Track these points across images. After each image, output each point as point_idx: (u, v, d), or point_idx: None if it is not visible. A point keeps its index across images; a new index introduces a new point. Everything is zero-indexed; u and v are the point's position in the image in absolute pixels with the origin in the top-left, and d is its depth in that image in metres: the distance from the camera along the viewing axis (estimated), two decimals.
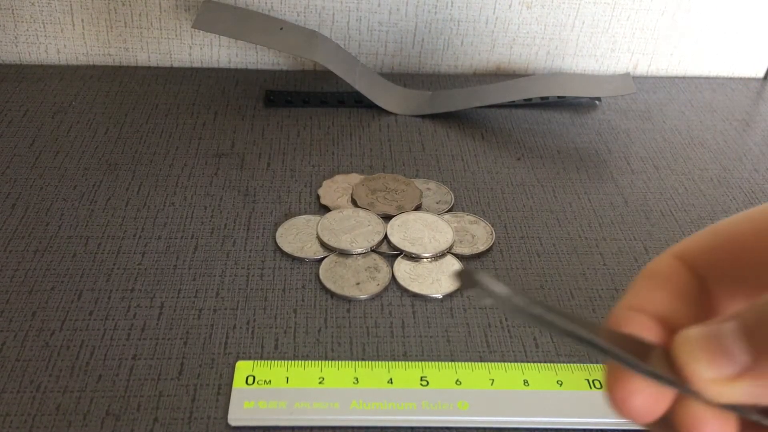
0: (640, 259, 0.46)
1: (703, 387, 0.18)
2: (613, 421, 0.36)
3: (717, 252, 0.21)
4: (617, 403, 0.19)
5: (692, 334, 0.19)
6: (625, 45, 0.65)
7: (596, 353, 0.19)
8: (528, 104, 0.60)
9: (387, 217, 0.47)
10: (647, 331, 0.20)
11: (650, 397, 0.19)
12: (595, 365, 0.38)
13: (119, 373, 0.37)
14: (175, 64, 0.63)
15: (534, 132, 0.57)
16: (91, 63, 0.62)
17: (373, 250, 0.45)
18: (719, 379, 0.18)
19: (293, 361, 0.37)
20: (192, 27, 0.55)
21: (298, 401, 0.35)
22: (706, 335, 0.19)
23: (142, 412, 0.35)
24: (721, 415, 0.19)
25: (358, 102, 0.59)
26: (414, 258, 0.44)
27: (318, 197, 0.49)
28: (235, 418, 0.35)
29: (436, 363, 0.38)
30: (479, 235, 0.46)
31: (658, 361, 0.19)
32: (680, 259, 0.22)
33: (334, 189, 0.49)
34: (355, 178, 0.50)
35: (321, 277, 0.43)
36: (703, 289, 0.22)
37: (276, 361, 0.37)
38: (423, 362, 0.38)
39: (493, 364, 0.38)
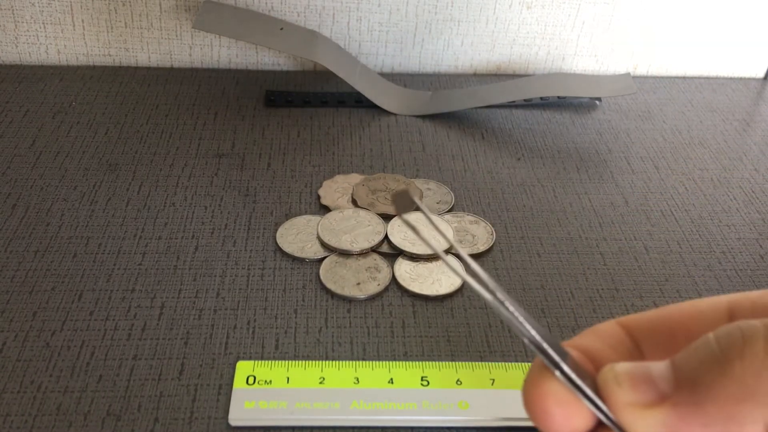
0: (640, 259, 0.46)
1: (621, 410, 0.19)
2: None
3: (656, 325, 0.23)
4: (533, 401, 0.20)
5: (620, 365, 0.20)
6: (625, 45, 0.65)
7: (521, 335, 0.20)
8: (528, 104, 0.60)
9: (387, 217, 0.47)
10: (581, 363, 0.21)
11: (567, 408, 0.20)
12: None
13: (120, 374, 0.37)
14: (176, 65, 0.63)
15: (534, 132, 0.57)
16: (91, 63, 0.62)
17: (374, 250, 0.45)
18: (637, 403, 0.19)
19: (294, 361, 0.37)
20: (192, 27, 0.55)
21: (299, 401, 0.35)
22: (633, 366, 0.20)
23: (142, 412, 0.35)
24: None
25: (358, 102, 0.59)
26: (414, 258, 0.44)
27: (318, 197, 0.49)
28: (235, 418, 0.35)
29: (437, 363, 0.38)
30: (479, 235, 0.46)
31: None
32: (622, 326, 0.23)
33: (335, 189, 0.49)
34: (355, 178, 0.50)
35: (321, 277, 0.43)
36: (638, 352, 0.23)
37: (276, 361, 0.37)
38: (423, 362, 0.38)
39: (493, 363, 0.38)
